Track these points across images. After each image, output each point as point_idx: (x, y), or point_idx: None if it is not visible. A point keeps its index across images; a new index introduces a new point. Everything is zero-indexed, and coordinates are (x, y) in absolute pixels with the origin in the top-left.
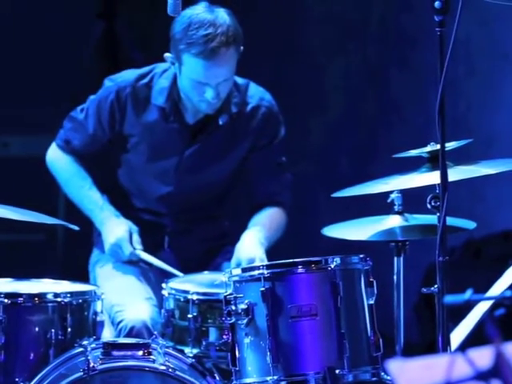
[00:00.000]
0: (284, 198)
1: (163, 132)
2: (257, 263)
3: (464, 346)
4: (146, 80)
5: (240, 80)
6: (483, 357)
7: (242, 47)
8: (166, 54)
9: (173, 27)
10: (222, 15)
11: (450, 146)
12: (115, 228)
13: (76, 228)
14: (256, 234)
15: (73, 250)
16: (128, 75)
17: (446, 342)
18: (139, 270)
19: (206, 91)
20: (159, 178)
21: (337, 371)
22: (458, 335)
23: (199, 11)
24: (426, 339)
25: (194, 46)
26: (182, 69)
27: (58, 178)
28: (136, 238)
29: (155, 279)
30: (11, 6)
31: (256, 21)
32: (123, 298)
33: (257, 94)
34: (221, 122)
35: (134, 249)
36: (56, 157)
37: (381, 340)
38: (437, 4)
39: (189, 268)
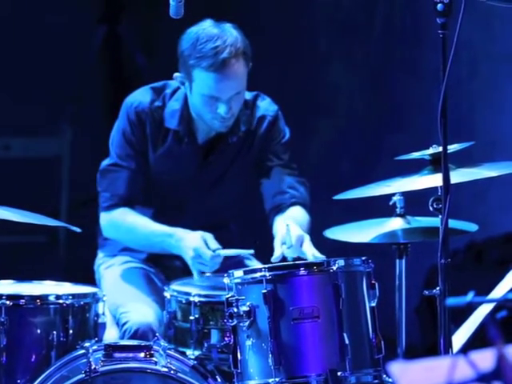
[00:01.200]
0: (302, 199)
1: (178, 154)
2: (307, 244)
3: (466, 349)
4: (159, 103)
5: (248, 95)
6: (485, 359)
7: (251, 63)
8: (176, 74)
9: (180, 45)
10: (229, 29)
11: (452, 148)
12: (188, 242)
13: (78, 230)
14: (296, 225)
15: (74, 252)
16: (142, 97)
17: (448, 345)
18: (144, 272)
19: (219, 107)
20: (179, 199)
21: (339, 373)
22: (460, 337)
23: (206, 26)
24: (428, 341)
25: (203, 60)
26: (193, 86)
27: (121, 238)
28: (211, 240)
29: (160, 282)
30: (13, 10)
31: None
32: (128, 300)
33: (263, 106)
34: (231, 141)
35: (213, 251)
36: (108, 221)
37: (382, 342)
38: (439, 6)
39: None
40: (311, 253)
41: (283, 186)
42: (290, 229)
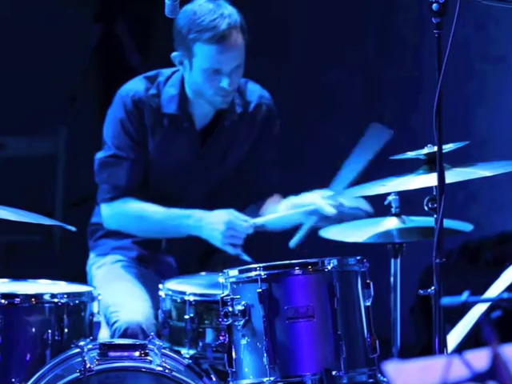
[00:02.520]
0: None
1: (176, 140)
2: (322, 202)
3: (461, 348)
4: (154, 91)
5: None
6: (480, 359)
7: (246, 40)
8: (173, 54)
9: (177, 23)
10: (224, 3)
11: (447, 148)
12: (215, 217)
13: (73, 229)
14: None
15: (70, 251)
16: (137, 86)
17: (443, 344)
18: (136, 271)
19: (222, 80)
20: (179, 183)
21: (333, 373)
22: (455, 337)
23: (201, 2)
24: (423, 341)
25: (204, 33)
26: (194, 61)
27: (128, 228)
28: (236, 212)
29: (152, 280)
30: (10, 9)
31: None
32: (119, 299)
33: (256, 91)
34: (226, 124)
35: (245, 221)
36: (112, 212)
37: (377, 341)
38: (434, 6)
39: (186, 269)
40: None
41: (270, 176)
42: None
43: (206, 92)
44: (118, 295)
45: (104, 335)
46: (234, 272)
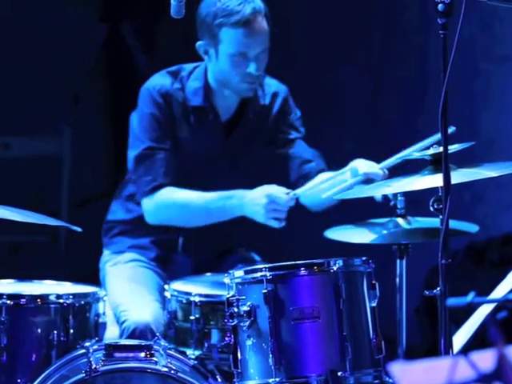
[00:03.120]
0: (325, 167)
1: (202, 133)
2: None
3: (466, 349)
4: (178, 85)
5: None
6: (485, 360)
7: (270, 25)
8: (198, 43)
9: (200, 13)
10: None
11: (452, 148)
12: (256, 193)
13: (78, 229)
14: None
15: (75, 252)
16: (162, 80)
17: (448, 345)
18: (149, 271)
19: (249, 65)
20: (204, 176)
21: (339, 374)
22: (461, 338)
23: None
24: (428, 342)
25: (231, 16)
26: (220, 48)
27: (172, 218)
28: (276, 187)
29: (163, 281)
30: (14, 9)
31: None
32: (129, 299)
33: (273, 83)
34: (251, 116)
35: (287, 194)
36: (154, 204)
37: (383, 342)
38: (440, 7)
39: (201, 270)
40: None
41: (308, 155)
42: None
43: (233, 79)
44: (128, 295)
45: (113, 333)
46: (239, 273)
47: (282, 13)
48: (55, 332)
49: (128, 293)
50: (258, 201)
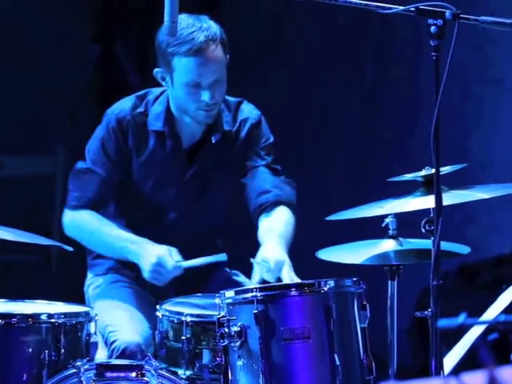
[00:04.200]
0: (287, 198)
1: (162, 160)
2: (286, 270)
3: (457, 370)
4: (141, 109)
5: (232, 98)
6: (476, 381)
7: (228, 54)
8: (155, 70)
9: (157, 38)
10: (204, 17)
11: (444, 170)
12: (153, 250)
13: (70, 249)
14: (278, 246)
15: (67, 271)
16: (124, 104)
17: (439, 366)
18: (133, 291)
19: (202, 94)
20: (164, 205)
21: None
22: (452, 359)
23: (181, 17)
24: (419, 363)
25: (182, 45)
26: (174, 76)
27: (82, 239)
28: (175, 253)
29: (148, 301)
30: (8, 30)
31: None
32: (117, 319)
33: (245, 110)
34: (214, 141)
35: (176, 262)
36: (72, 219)
37: (373, 363)
38: (433, 29)
39: (186, 290)
40: (289, 279)
41: (267, 185)
42: (265, 256)
43: (189, 107)
44: (116, 315)
45: (101, 356)
46: (230, 293)
47: (275, 30)
48: (46, 351)
49: (116, 313)
50: (149, 258)
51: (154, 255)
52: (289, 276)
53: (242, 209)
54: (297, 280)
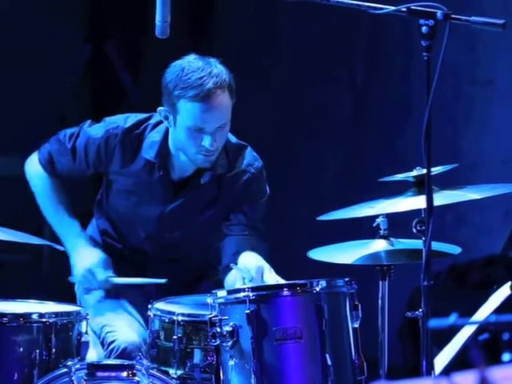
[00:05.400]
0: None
1: (146, 184)
2: (268, 273)
3: (448, 370)
4: (138, 131)
5: (235, 141)
6: (467, 381)
7: (234, 98)
8: (159, 108)
9: (164, 78)
10: (214, 62)
11: (435, 170)
12: (89, 255)
13: (61, 248)
14: (253, 253)
15: (58, 271)
16: (123, 122)
17: (430, 366)
18: (125, 292)
19: (204, 139)
20: (141, 224)
21: None
22: (443, 359)
23: (190, 59)
24: (410, 363)
25: (189, 90)
26: (178, 118)
27: (36, 192)
28: (108, 263)
29: (140, 301)
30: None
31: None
32: (114, 319)
33: (246, 158)
34: (202, 182)
35: (108, 276)
36: (36, 171)
37: (365, 363)
38: (424, 29)
39: (172, 293)
40: (274, 280)
41: (244, 248)
42: (245, 265)
43: (189, 150)
44: (113, 315)
45: (93, 355)
46: (222, 293)
47: (266, 33)
48: (37, 351)
49: (112, 313)
50: (82, 262)
51: (88, 262)
52: (273, 278)
53: None
54: (281, 281)
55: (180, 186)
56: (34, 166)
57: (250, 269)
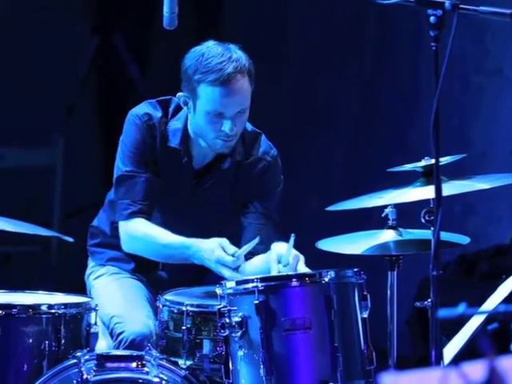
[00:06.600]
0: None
1: (173, 174)
2: (302, 264)
3: (457, 360)
4: (165, 119)
5: (250, 129)
6: (476, 371)
7: (253, 86)
8: (179, 94)
9: (183, 64)
10: (234, 47)
11: (444, 160)
12: (207, 254)
13: (70, 240)
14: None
15: (67, 262)
16: (151, 111)
17: (439, 356)
18: (135, 282)
19: (224, 124)
20: (159, 213)
21: None
22: (451, 349)
23: (210, 45)
24: (419, 353)
25: (209, 74)
26: (198, 103)
27: (139, 251)
28: (228, 246)
29: (149, 292)
30: (7, 21)
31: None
32: (123, 310)
33: (262, 147)
34: (223, 168)
35: (233, 255)
36: (126, 234)
37: (374, 353)
38: (432, 19)
39: (180, 285)
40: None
41: (262, 235)
42: (290, 246)
43: (208, 135)
44: (121, 306)
45: (102, 346)
46: (231, 283)
47: (274, 27)
48: (47, 342)
49: (121, 304)
50: (209, 261)
51: (212, 260)
52: (305, 270)
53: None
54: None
55: (201, 174)
56: (123, 233)
57: (287, 254)
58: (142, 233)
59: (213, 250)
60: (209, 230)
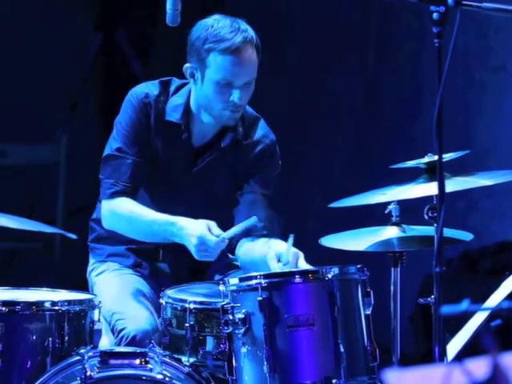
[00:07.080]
0: (270, 235)
1: (170, 151)
2: (302, 260)
3: (460, 357)
4: (164, 97)
5: (250, 112)
6: (480, 367)
7: (259, 60)
8: (185, 66)
9: (191, 36)
10: (241, 21)
11: (447, 157)
12: (191, 230)
13: (74, 237)
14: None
15: (70, 259)
16: (150, 89)
17: (443, 353)
18: (135, 278)
19: (232, 93)
20: (163, 193)
21: (333, 381)
22: (455, 345)
23: (217, 17)
24: (423, 349)
25: (221, 42)
26: (207, 73)
27: (120, 228)
28: (215, 227)
29: (151, 288)
30: (11, 18)
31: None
32: (124, 306)
33: (262, 130)
34: (223, 145)
35: (217, 236)
36: (109, 210)
37: (377, 350)
38: (435, 15)
39: (181, 279)
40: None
41: (259, 214)
42: (289, 245)
43: (215, 106)
44: (123, 302)
45: (105, 343)
46: (234, 280)
47: (277, 21)
48: (50, 339)
49: (123, 300)
50: (191, 239)
51: (194, 235)
52: (306, 267)
53: None
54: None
55: (199, 152)
56: (105, 209)
57: (287, 253)
58: (126, 210)
59: (198, 228)
60: (201, 212)
